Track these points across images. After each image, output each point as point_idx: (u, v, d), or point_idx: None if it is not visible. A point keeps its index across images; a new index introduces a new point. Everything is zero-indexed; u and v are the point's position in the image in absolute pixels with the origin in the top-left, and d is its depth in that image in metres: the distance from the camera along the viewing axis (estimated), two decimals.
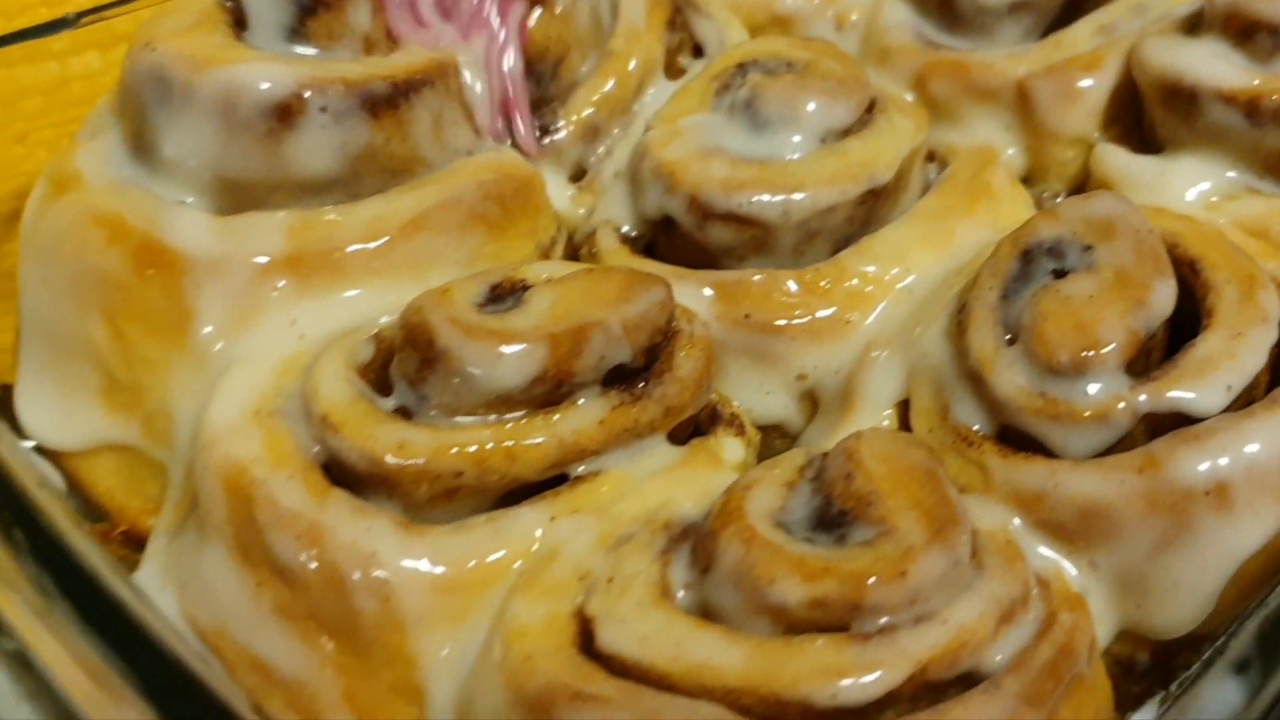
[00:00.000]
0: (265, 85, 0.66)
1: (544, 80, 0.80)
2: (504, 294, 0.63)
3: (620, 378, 0.62)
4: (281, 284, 0.66)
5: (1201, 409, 0.60)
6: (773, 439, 0.73)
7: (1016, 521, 0.61)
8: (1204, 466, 0.58)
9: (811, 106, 0.76)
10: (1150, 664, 0.62)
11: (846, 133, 0.77)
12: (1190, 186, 0.77)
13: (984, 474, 0.62)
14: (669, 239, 0.76)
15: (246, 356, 0.64)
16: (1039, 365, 0.62)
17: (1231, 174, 0.76)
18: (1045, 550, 0.60)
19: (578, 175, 0.82)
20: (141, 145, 0.69)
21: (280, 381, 0.63)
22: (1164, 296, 0.63)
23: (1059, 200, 0.85)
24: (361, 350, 0.63)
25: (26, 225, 0.70)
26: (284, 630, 0.57)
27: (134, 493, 0.68)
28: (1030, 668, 0.52)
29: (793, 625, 0.52)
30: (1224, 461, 0.58)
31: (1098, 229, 0.66)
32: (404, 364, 0.60)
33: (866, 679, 0.50)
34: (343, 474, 0.59)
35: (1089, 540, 0.59)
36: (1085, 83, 0.83)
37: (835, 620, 0.52)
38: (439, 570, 0.56)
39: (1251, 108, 0.74)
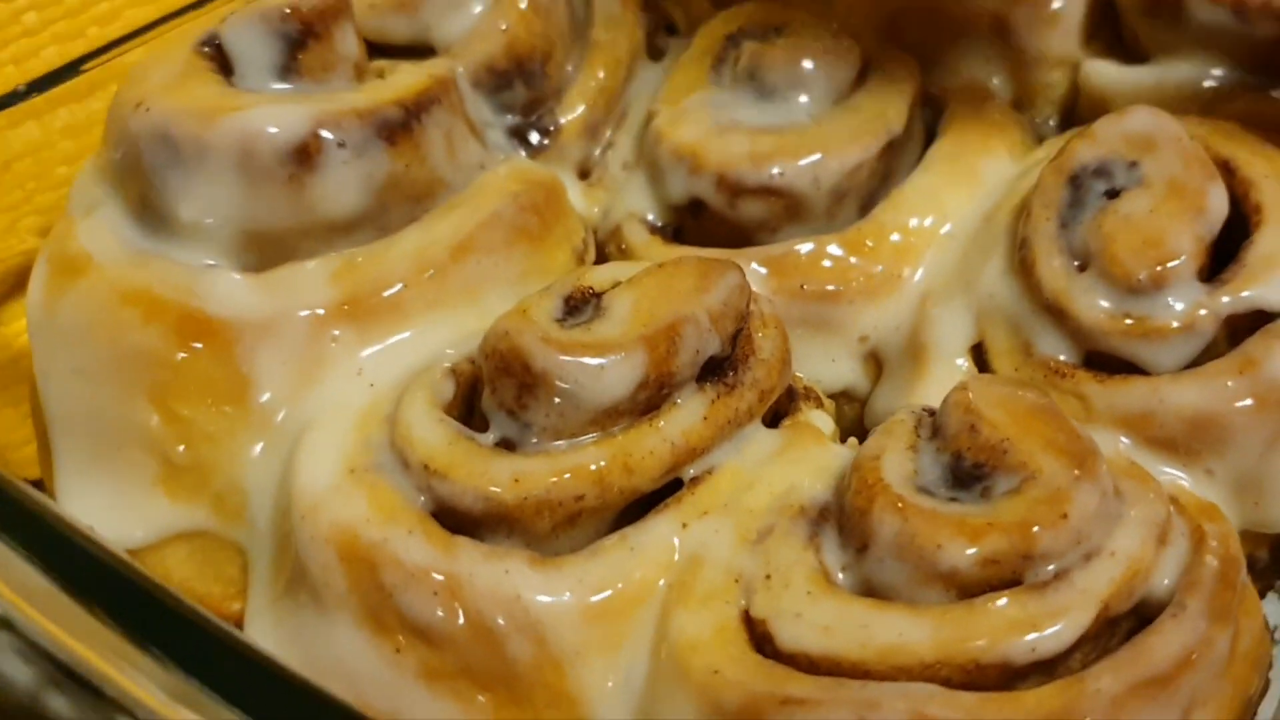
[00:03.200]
0: (277, 129, 0.63)
1: (535, 80, 0.78)
2: (579, 305, 0.61)
3: (710, 371, 0.61)
4: (338, 333, 0.62)
5: (1279, 302, 0.62)
6: (841, 406, 0.72)
7: (1125, 442, 0.61)
8: None
9: (814, 68, 0.75)
10: (1269, 560, 0.63)
11: (849, 91, 0.76)
12: (1184, 90, 0.78)
13: (1083, 403, 0.62)
14: (698, 222, 0.75)
15: (318, 416, 0.61)
16: (1118, 287, 0.62)
17: (1219, 72, 0.78)
18: (1162, 467, 0.61)
19: (584, 173, 0.80)
20: (151, 212, 0.65)
21: (363, 435, 0.59)
22: (1219, 199, 0.64)
23: (1052, 124, 0.86)
24: (442, 388, 0.60)
25: (37, 316, 0.66)
26: (434, 693, 0.54)
27: (213, 579, 0.64)
28: (1204, 584, 0.52)
29: (965, 588, 0.51)
30: None
31: (1138, 144, 0.67)
32: (500, 394, 0.58)
33: (1058, 627, 0.50)
34: (455, 520, 0.57)
35: (1202, 449, 0.60)
36: (1057, 3, 0.83)
37: (1008, 575, 0.51)
38: (586, 600, 0.54)
39: (1238, 4, 0.75)
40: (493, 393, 0.58)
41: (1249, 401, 0.59)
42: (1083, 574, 0.51)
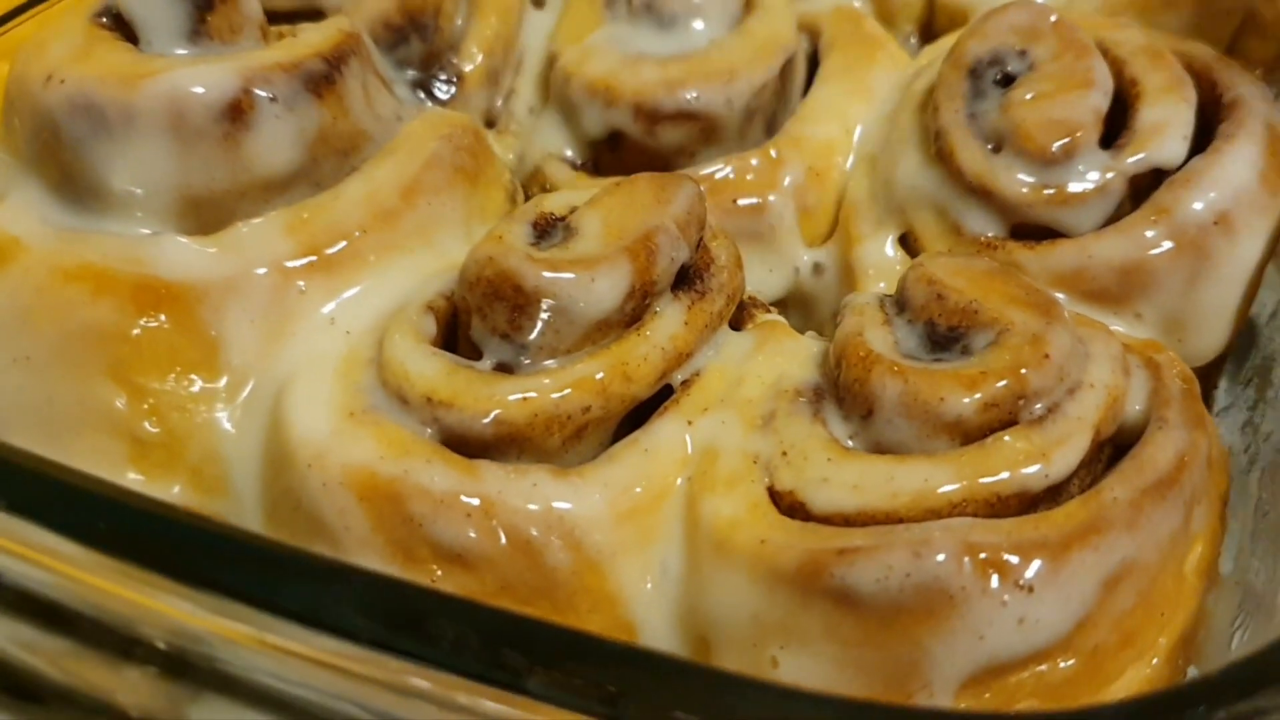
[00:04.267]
0: (208, 87, 0.61)
1: (428, 33, 0.78)
2: (547, 230, 0.62)
3: (679, 281, 0.63)
4: (302, 285, 0.61)
5: (1172, 160, 0.68)
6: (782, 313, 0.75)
7: (1061, 298, 0.66)
8: (1204, 203, 0.65)
9: None
10: None
11: (742, 16, 0.79)
12: None
13: (1019, 270, 0.66)
14: (616, 154, 0.76)
15: (296, 369, 0.59)
16: (1035, 162, 0.67)
17: None
18: (1096, 317, 0.66)
19: (489, 122, 0.80)
20: (77, 187, 0.62)
21: (351, 381, 0.58)
22: (1103, 73, 0.70)
23: (912, 41, 0.91)
24: (423, 324, 0.60)
25: None
26: None
27: None
28: (1176, 399, 0.57)
29: (968, 434, 0.55)
30: (1216, 194, 0.66)
31: (1023, 34, 0.72)
32: (491, 319, 0.58)
33: (1065, 451, 0.54)
34: (463, 448, 0.56)
35: (1131, 295, 0.66)
36: None
37: (1005, 417, 0.55)
38: (614, 502, 0.55)
39: None
40: (483, 319, 0.58)
41: (1168, 245, 0.65)
42: (1072, 404, 0.56)
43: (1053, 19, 0.72)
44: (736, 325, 0.66)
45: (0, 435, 0.61)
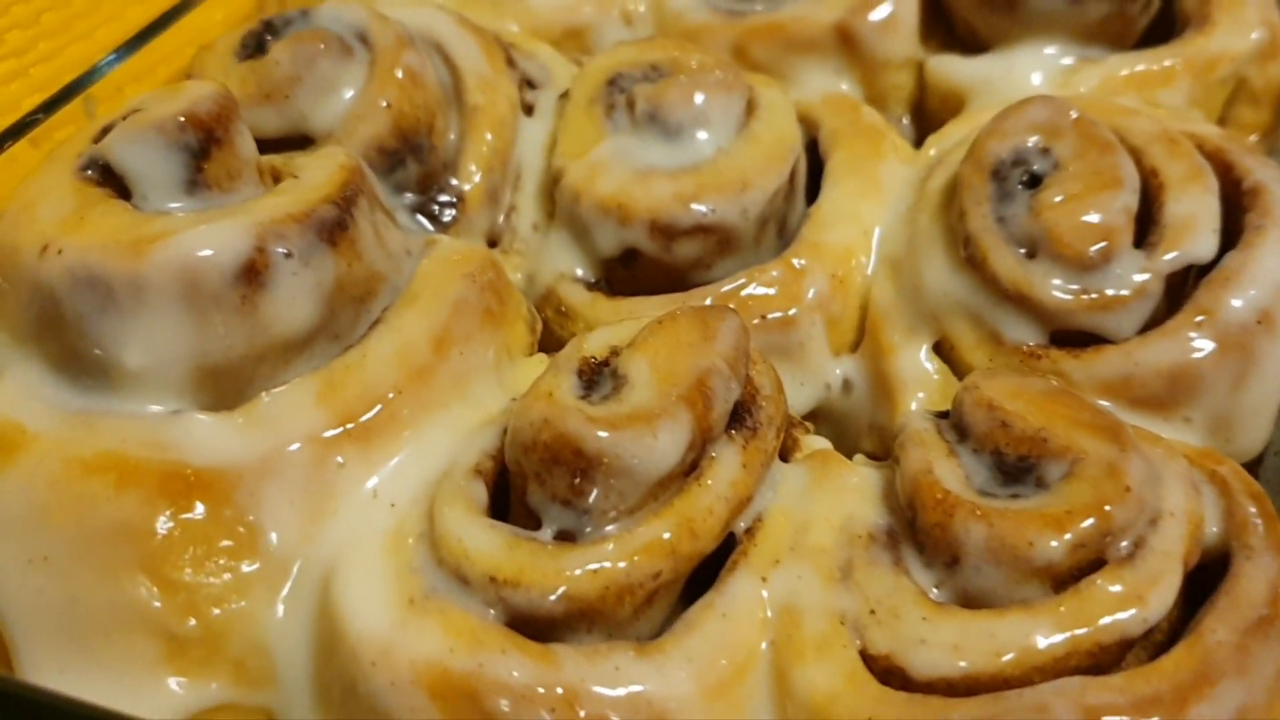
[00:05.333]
0: (220, 249, 0.57)
1: (423, 153, 0.74)
2: (593, 379, 0.59)
3: (731, 418, 0.60)
4: (340, 459, 0.57)
5: (1205, 255, 0.67)
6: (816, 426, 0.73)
7: (1108, 405, 0.65)
8: (1244, 300, 0.65)
9: (711, 102, 0.76)
10: None
11: (746, 120, 0.77)
12: (1033, 72, 0.83)
13: (1063, 379, 0.65)
14: (630, 271, 0.74)
15: (342, 551, 0.56)
16: (1072, 267, 0.66)
17: (1059, 50, 0.84)
18: (1144, 425, 0.65)
19: (491, 241, 0.77)
20: (82, 365, 0.57)
21: (402, 561, 0.55)
22: (1130, 170, 0.69)
23: (905, 122, 0.90)
24: (474, 491, 0.56)
25: None
26: None
27: None
28: (1253, 522, 0.56)
29: (1059, 578, 0.53)
30: (1256, 291, 0.65)
31: (1044, 131, 0.71)
32: (551, 485, 0.55)
33: (1160, 590, 0.52)
34: (532, 628, 0.53)
35: (1179, 400, 0.65)
36: (891, 8, 0.87)
37: (1092, 556, 0.53)
38: (701, 678, 0.52)
39: None
40: (541, 485, 0.55)
41: (1212, 347, 0.64)
42: (1157, 538, 0.54)
43: (1073, 115, 0.71)
44: (783, 453, 0.64)
45: (22, 643, 0.56)
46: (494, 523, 0.55)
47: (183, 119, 0.61)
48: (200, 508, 0.55)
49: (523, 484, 0.56)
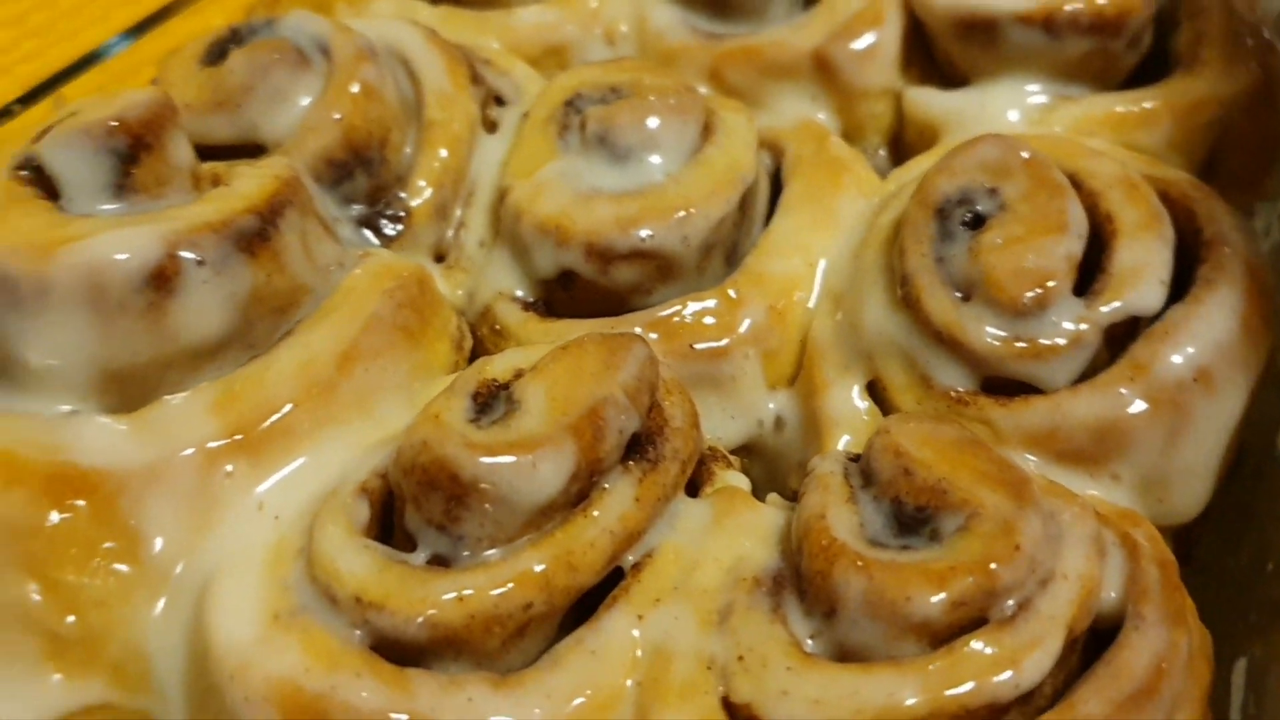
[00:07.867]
0: (127, 254, 0.58)
1: (374, 167, 0.74)
2: (488, 401, 0.58)
3: (630, 449, 0.59)
4: (230, 469, 0.58)
5: (1149, 308, 0.65)
6: (743, 461, 0.71)
7: (1033, 460, 0.63)
8: (1183, 358, 0.62)
9: (663, 126, 0.75)
10: (1174, 548, 0.66)
11: (699, 145, 0.76)
12: (1009, 108, 0.81)
13: (990, 427, 0.63)
14: (569, 293, 0.73)
15: (222, 561, 0.56)
16: (1006, 313, 0.64)
17: (1037, 87, 0.82)
18: (1070, 480, 0.63)
19: (439, 256, 0.77)
20: None
21: (278, 575, 0.55)
22: (1078, 213, 0.67)
23: (882, 153, 0.88)
24: (356, 510, 0.56)
25: None
26: None
27: None
28: (1153, 591, 0.54)
29: (936, 635, 0.52)
30: (1195, 349, 0.63)
31: (993, 171, 0.69)
32: (427, 510, 0.54)
33: (1036, 657, 0.50)
34: (397, 651, 0.53)
35: (1107, 457, 0.62)
36: (874, 38, 0.85)
37: (974, 614, 0.52)
38: (556, 714, 0.52)
39: (1049, 23, 0.79)
40: (418, 509, 0.55)
41: (1144, 405, 0.62)
42: (1044, 600, 0.52)
43: (1025, 155, 0.68)
44: (695, 483, 0.63)
45: None
46: (369, 543, 0.55)
47: (113, 124, 0.62)
48: (83, 510, 0.55)
49: (403, 506, 0.56)
